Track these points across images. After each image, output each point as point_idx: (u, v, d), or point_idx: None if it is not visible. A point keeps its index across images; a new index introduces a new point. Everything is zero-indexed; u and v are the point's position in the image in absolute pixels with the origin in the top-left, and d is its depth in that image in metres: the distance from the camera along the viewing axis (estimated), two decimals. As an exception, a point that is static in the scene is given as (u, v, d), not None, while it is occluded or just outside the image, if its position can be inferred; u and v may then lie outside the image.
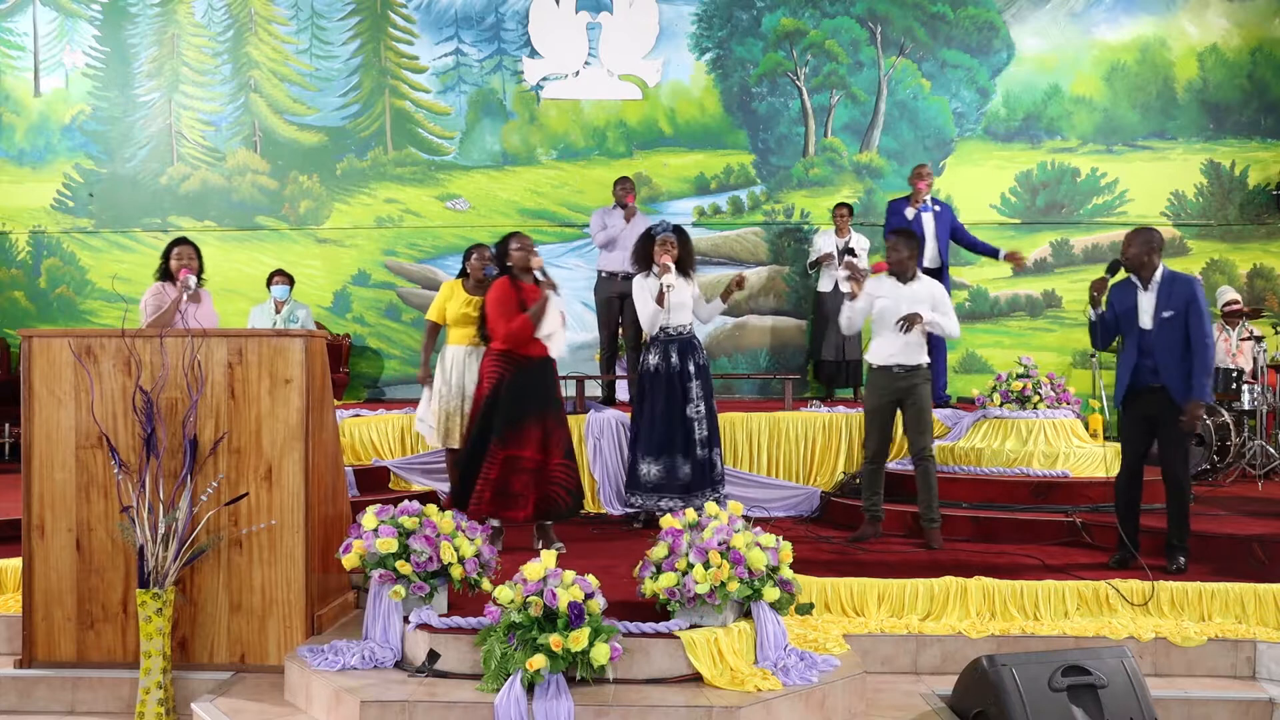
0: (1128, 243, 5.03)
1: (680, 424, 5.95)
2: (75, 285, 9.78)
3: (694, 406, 5.98)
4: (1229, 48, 9.53)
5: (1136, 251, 4.98)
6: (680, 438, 5.94)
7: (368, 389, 9.60)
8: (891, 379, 5.64)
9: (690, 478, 5.94)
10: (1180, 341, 4.91)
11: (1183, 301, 4.90)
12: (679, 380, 5.97)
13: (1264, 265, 9.56)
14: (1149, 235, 5.00)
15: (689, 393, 5.98)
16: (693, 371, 6.00)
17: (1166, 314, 4.92)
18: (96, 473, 4.30)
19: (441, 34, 9.67)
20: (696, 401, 5.99)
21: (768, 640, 4.01)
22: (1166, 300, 4.93)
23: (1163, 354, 4.92)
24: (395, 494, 6.54)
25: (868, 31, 9.57)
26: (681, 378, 5.97)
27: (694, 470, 5.95)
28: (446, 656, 3.88)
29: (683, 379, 5.97)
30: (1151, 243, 4.97)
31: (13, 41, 9.80)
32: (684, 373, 5.98)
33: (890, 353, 5.64)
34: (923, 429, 5.67)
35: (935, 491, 5.67)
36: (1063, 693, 3.76)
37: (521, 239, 5.49)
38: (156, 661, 4.02)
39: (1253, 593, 4.70)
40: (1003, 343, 9.52)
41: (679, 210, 9.54)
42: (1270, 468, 7.64)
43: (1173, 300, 4.92)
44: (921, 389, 5.64)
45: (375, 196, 9.70)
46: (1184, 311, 4.90)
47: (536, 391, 5.23)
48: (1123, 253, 5.05)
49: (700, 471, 5.97)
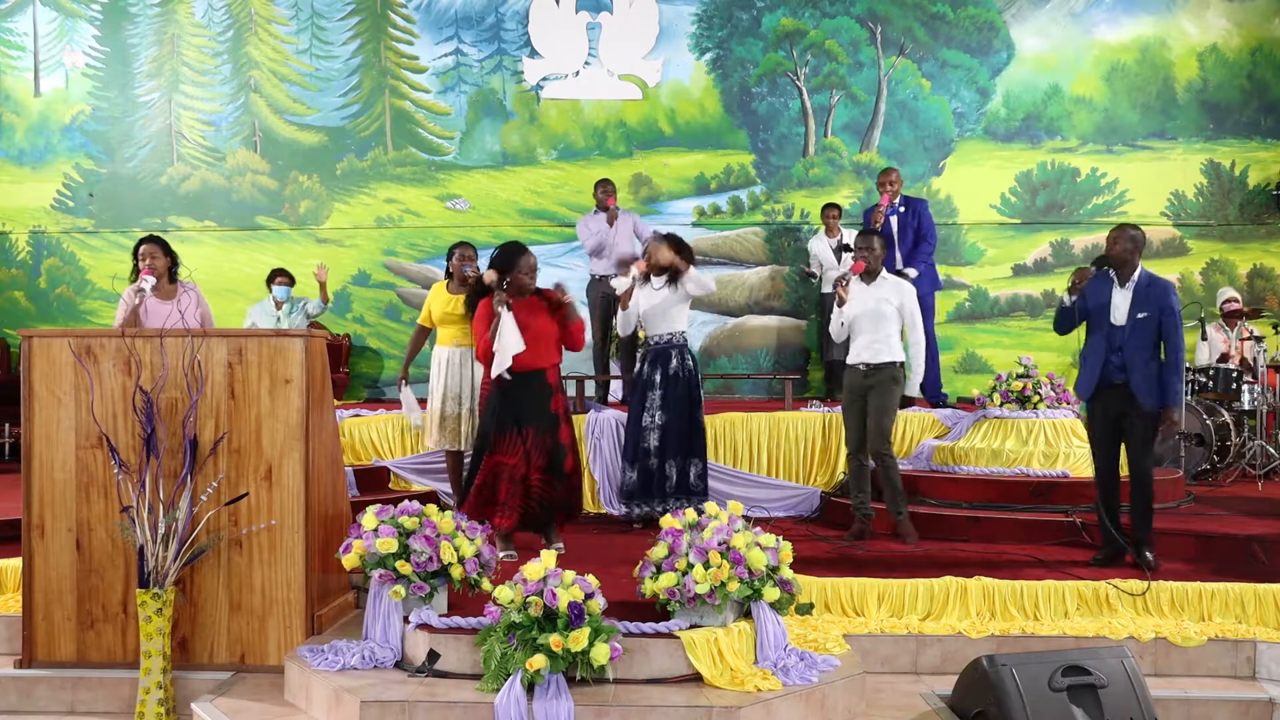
0: (1114, 239, 5.04)
1: (673, 432, 5.99)
2: (75, 285, 9.79)
3: (648, 415, 6.00)
4: (1229, 48, 9.53)
5: (1122, 249, 5.01)
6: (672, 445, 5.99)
7: (368, 389, 9.61)
8: (857, 376, 5.76)
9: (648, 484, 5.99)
10: (1151, 344, 4.98)
11: (1157, 305, 4.96)
12: (670, 388, 6.01)
13: (1264, 265, 9.56)
14: (1135, 234, 5.03)
15: (680, 401, 6.00)
16: (684, 378, 6.03)
17: (1141, 314, 4.97)
18: (96, 473, 4.30)
19: (441, 34, 9.67)
20: (651, 411, 6.01)
21: (768, 640, 4.01)
22: (1143, 301, 4.98)
23: (1131, 353, 4.97)
24: (395, 494, 6.54)
25: (868, 31, 9.57)
26: (674, 385, 6.00)
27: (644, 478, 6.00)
28: (446, 656, 3.88)
29: (674, 387, 6.00)
30: (1136, 241, 5.02)
31: (13, 41, 9.81)
32: (674, 380, 6.01)
33: (856, 351, 5.77)
34: (878, 428, 5.69)
35: (898, 486, 5.75)
36: (1063, 693, 3.76)
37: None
38: (156, 661, 4.02)
39: (1253, 593, 4.69)
40: (1003, 343, 9.52)
41: (679, 210, 9.54)
42: (1270, 468, 7.64)
43: (1148, 302, 4.97)
44: (884, 388, 5.68)
45: (375, 196, 9.71)
46: (1157, 314, 4.95)
47: (521, 403, 5.22)
48: (1108, 248, 5.06)
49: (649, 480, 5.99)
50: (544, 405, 5.27)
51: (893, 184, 7.32)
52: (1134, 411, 5.00)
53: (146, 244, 5.38)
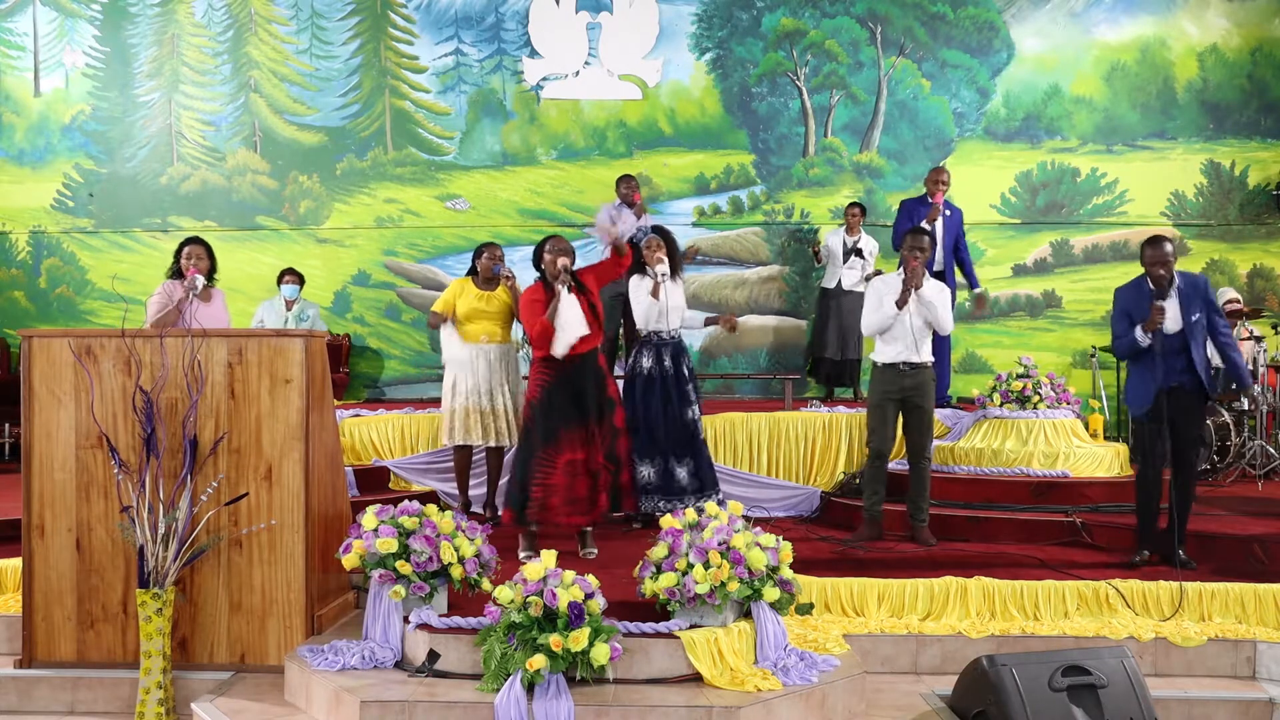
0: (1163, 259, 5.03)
1: (678, 427, 5.95)
2: (75, 285, 9.78)
3: (690, 409, 5.98)
4: (1229, 48, 9.53)
5: (1171, 267, 5.06)
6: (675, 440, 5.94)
7: (368, 389, 9.60)
8: (897, 376, 5.66)
9: (686, 480, 5.93)
10: (1206, 337, 5.09)
11: (1204, 301, 5.06)
12: (674, 383, 5.97)
13: (1264, 265, 9.56)
14: (1169, 247, 5.08)
15: (686, 396, 5.98)
16: (687, 375, 6.03)
17: (1194, 316, 5.05)
18: (96, 473, 4.30)
19: (441, 34, 9.67)
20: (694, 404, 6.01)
21: (768, 640, 4.02)
22: (1190, 303, 5.05)
23: (1196, 351, 5.05)
24: (395, 494, 6.54)
25: (868, 31, 9.57)
26: (678, 380, 5.97)
27: (689, 472, 5.94)
28: (446, 656, 3.89)
29: (678, 382, 5.97)
30: (1170, 254, 5.09)
31: (13, 41, 9.81)
32: (678, 376, 5.98)
33: (897, 351, 5.65)
34: (924, 430, 5.69)
35: (928, 492, 5.73)
36: (1063, 693, 3.76)
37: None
38: (156, 661, 4.02)
39: (1253, 593, 4.70)
40: (1003, 343, 9.52)
41: (679, 210, 9.54)
42: (1270, 468, 7.63)
43: (1194, 303, 5.05)
44: (926, 388, 5.66)
45: (375, 196, 9.70)
46: (1205, 311, 5.06)
47: (585, 392, 5.11)
48: (1155, 264, 5.06)
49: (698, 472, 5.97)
50: (603, 389, 5.19)
51: (944, 183, 7.28)
52: (1190, 412, 5.06)
53: (192, 244, 5.43)
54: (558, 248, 5.18)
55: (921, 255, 5.60)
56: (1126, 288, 5.22)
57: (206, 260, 5.41)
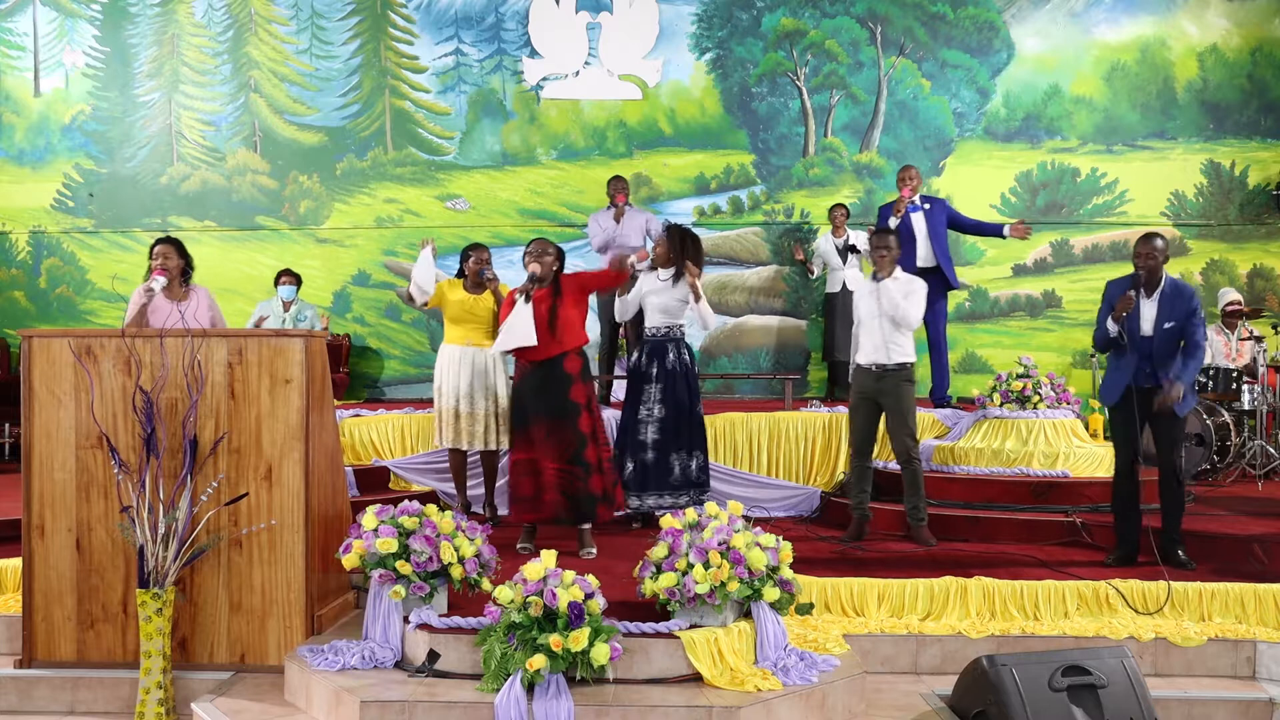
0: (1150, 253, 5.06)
1: (688, 420, 5.97)
2: (75, 285, 9.79)
3: (645, 408, 5.98)
4: (1229, 48, 9.53)
5: (1158, 263, 5.07)
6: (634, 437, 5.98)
7: (368, 389, 9.61)
8: (870, 378, 5.69)
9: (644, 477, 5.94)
10: (1178, 346, 5.09)
11: (1184, 314, 5.04)
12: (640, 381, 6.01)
13: (1264, 265, 9.56)
14: (1160, 244, 5.09)
15: (644, 394, 5.99)
16: (654, 374, 6.00)
17: (1167, 325, 5.05)
18: (96, 473, 4.30)
19: (441, 34, 9.67)
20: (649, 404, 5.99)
21: (768, 640, 4.02)
22: (1169, 311, 5.05)
23: (1161, 360, 5.07)
24: (395, 494, 6.53)
25: (868, 31, 9.57)
26: (685, 377, 5.99)
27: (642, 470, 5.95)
28: (446, 656, 3.89)
29: (686, 378, 5.99)
30: (1167, 254, 5.11)
31: (13, 41, 9.81)
32: (646, 374, 6.00)
33: (868, 352, 5.70)
34: (901, 433, 5.66)
35: (922, 491, 5.71)
36: (1063, 693, 3.76)
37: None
38: (156, 661, 4.02)
39: (1253, 593, 4.70)
40: (1003, 343, 9.52)
41: (679, 210, 9.53)
42: (1270, 468, 7.64)
43: (1175, 312, 5.05)
44: (901, 389, 5.64)
45: (375, 196, 9.71)
46: (1182, 322, 5.05)
47: (538, 394, 5.22)
48: (1145, 261, 5.07)
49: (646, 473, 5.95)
50: (561, 394, 5.21)
51: (912, 179, 7.28)
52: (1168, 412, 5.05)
53: (161, 244, 5.28)
54: (527, 251, 5.31)
55: (887, 253, 5.66)
56: (1116, 281, 5.28)
57: (175, 259, 5.25)
